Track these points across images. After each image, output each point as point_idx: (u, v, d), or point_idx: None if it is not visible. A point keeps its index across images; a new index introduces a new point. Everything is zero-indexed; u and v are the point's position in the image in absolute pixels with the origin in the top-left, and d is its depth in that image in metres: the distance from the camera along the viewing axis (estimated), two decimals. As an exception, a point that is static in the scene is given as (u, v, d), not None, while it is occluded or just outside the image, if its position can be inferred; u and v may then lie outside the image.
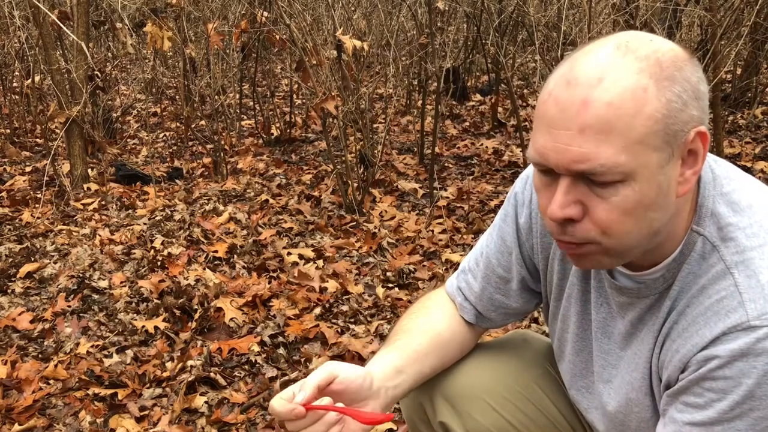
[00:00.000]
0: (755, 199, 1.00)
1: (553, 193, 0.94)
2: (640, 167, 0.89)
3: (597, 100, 0.88)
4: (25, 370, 2.47)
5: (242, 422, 2.21)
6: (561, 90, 0.90)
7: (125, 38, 4.43)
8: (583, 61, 0.91)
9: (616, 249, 0.96)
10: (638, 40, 0.92)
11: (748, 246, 0.96)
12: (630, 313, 1.08)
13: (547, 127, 0.91)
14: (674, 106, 0.89)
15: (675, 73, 0.90)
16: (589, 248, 0.97)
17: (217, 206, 3.93)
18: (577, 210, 0.93)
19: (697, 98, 0.92)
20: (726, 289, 0.95)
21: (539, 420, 1.32)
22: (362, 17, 5.29)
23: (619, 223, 0.93)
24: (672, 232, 0.99)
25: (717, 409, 0.95)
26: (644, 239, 0.96)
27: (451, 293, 1.35)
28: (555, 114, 0.90)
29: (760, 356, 0.91)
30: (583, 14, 4.09)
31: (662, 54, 0.91)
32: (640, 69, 0.89)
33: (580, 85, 0.89)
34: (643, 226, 0.94)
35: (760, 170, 4.17)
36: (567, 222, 0.95)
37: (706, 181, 1.01)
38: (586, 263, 1.01)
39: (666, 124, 0.89)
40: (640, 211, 0.92)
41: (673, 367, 1.01)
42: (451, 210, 3.87)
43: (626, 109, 0.88)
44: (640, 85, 0.88)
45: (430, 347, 1.26)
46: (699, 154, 0.93)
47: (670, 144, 0.90)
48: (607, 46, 0.92)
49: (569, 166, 0.90)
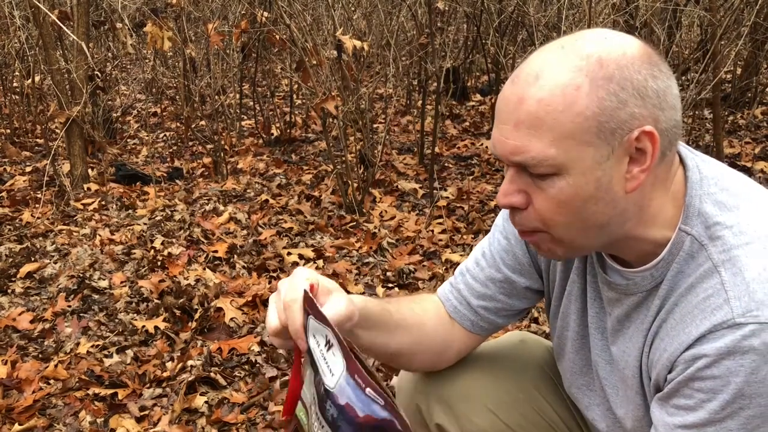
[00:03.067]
0: (742, 198, 1.01)
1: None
2: (572, 161, 0.93)
3: (530, 98, 0.93)
4: (25, 370, 2.47)
5: (242, 422, 2.21)
6: (507, 86, 0.98)
7: (125, 38, 4.43)
8: (531, 60, 0.97)
9: (564, 240, 1.01)
10: (588, 39, 0.96)
11: (734, 244, 0.96)
12: (617, 310, 1.09)
13: (497, 120, 0.98)
14: (607, 104, 0.92)
15: (614, 72, 0.92)
16: (540, 236, 1.02)
17: (217, 206, 3.93)
18: (520, 198, 0.99)
19: (643, 96, 0.93)
20: (712, 287, 0.96)
21: (536, 422, 1.32)
22: (362, 17, 5.29)
23: (556, 214, 0.97)
24: (644, 227, 1.00)
25: (708, 410, 0.95)
26: (591, 231, 0.99)
27: (444, 298, 1.32)
28: (500, 108, 0.98)
29: (746, 354, 0.91)
30: (583, 14, 4.09)
31: (607, 53, 0.93)
32: (577, 67, 0.93)
33: (520, 83, 0.95)
34: (584, 218, 0.97)
35: (760, 170, 4.17)
36: (514, 210, 1.01)
37: (693, 181, 1.01)
38: (544, 252, 1.06)
39: (599, 121, 0.92)
40: (577, 203, 0.96)
41: (661, 366, 1.01)
42: (451, 210, 3.87)
43: (555, 105, 0.92)
44: (573, 83, 0.92)
45: (409, 326, 1.24)
46: (647, 152, 0.95)
47: (608, 141, 0.93)
48: (556, 45, 0.97)
49: (508, 157, 0.97)
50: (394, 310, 1.23)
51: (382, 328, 1.19)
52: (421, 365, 1.32)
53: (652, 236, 1.01)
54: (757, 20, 4.49)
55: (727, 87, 5.59)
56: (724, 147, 4.27)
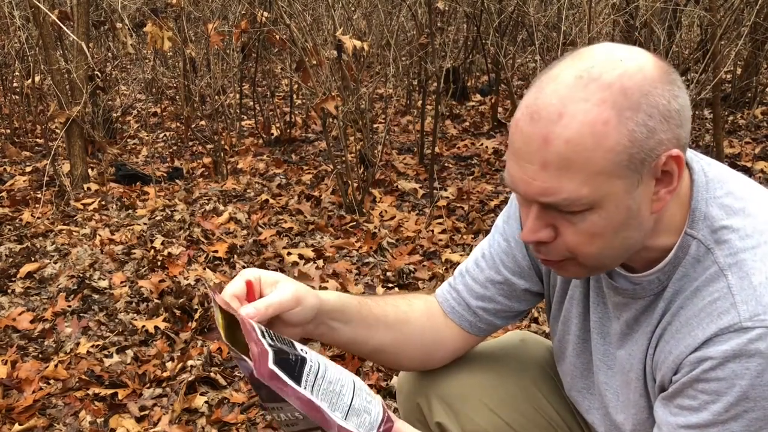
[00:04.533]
0: (748, 201, 1.00)
1: (528, 214, 0.98)
2: (605, 196, 0.91)
3: (557, 138, 0.89)
4: (25, 370, 2.47)
5: (242, 422, 2.21)
6: (526, 122, 0.92)
7: (125, 38, 4.43)
8: (547, 92, 0.91)
9: (592, 264, 1.00)
10: (604, 64, 0.91)
11: (741, 248, 0.96)
12: (625, 314, 1.09)
13: (515, 156, 0.94)
14: (637, 136, 0.89)
15: (640, 100, 0.89)
16: (567, 263, 1.01)
17: (217, 206, 3.93)
18: (548, 233, 0.97)
19: (668, 119, 0.91)
20: (719, 291, 0.96)
21: (536, 421, 1.32)
22: (362, 17, 5.29)
23: (589, 246, 0.96)
24: (657, 236, 1.00)
25: (711, 411, 0.95)
26: (618, 255, 1.00)
27: (442, 298, 1.31)
28: (520, 146, 0.93)
29: (752, 357, 0.91)
30: (583, 14, 4.09)
31: (628, 79, 0.90)
32: (601, 100, 0.89)
33: (542, 120, 0.90)
34: (614, 245, 0.97)
35: (760, 170, 4.17)
36: (540, 244, 0.99)
37: (699, 185, 1.01)
38: (566, 274, 1.05)
39: (630, 154, 0.90)
40: (609, 233, 0.95)
41: (667, 368, 1.01)
42: (451, 210, 3.87)
43: (585, 144, 0.89)
44: (600, 119, 0.88)
45: (390, 322, 1.23)
46: (674, 174, 0.94)
47: (637, 170, 0.91)
48: (570, 73, 0.91)
49: (535, 198, 0.94)
50: (374, 305, 1.22)
51: (359, 321, 1.18)
52: (409, 364, 1.31)
53: (661, 244, 1.01)
54: (757, 20, 4.49)
55: (727, 87, 5.59)
56: (724, 147, 4.27)
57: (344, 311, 1.15)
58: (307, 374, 0.95)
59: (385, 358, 1.27)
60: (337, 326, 1.14)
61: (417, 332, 1.26)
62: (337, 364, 1.02)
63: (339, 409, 0.96)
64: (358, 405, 0.99)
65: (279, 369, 0.92)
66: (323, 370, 0.97)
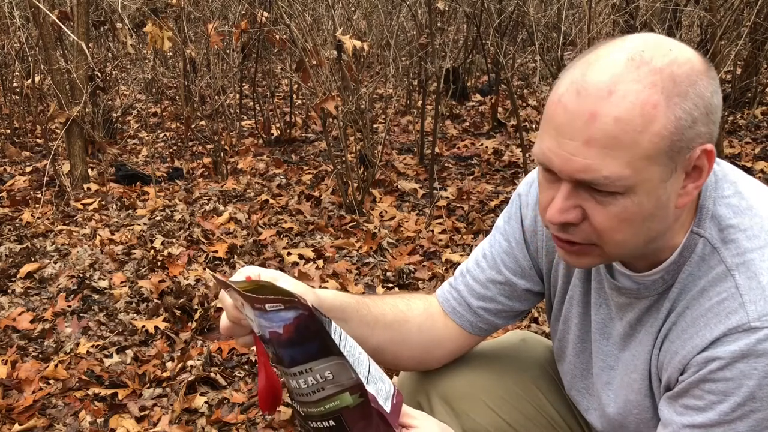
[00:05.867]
0: (756, 201, 1.00)
1: (554, 193, 0.95)
2: (642, 181, 0.90)
3: (605, 115, 0.87)
4: (25, 370, 2.47)
5: (242, 422, 2.21)
6: (571, 98, 0.90)
7: (125, 38, 4.43)
8: (595, 69, 0.90)
9: (614, 252, 0.98)
10: (654, 50, 0.90)
11: (748, 248, 0.96)
12: (629, 314, 1.08)
13: (555, 132, 0.92)
14: (682, 123, 0.89)
15: (688, 89, 0.89)
16: (587, 249, 0.99)
17: (217, 206, 3.93)
18: (576, 214, 0.95)
19: (708, 113, 0.91)
20: (727, 291, 0.95)
21: (537, 420, 1.32)
22: (362, 17, 5.29)
23: (616, 231, 0.94)
24: (672, 234, 1.00)
25: (717, 411, 0.95)
26: (641, 245, 0.98)
27: (443, 298, 1.31)
28: (563, 121, 0.90)
29: (760, 357, 0.91)
30: (583, 14, 4.09)
31: (677, 67, 0.89)
32: (652, 83, 0.88)
33: (590, 96, 0.88)
34: (640, 234, 0.95)
35: (760, 170, 4.17)
36: (567, 224, 0.96)
37: (707, 184, 1.01)
38: (581, 261, 1.02)
39: (672, 141, 0.89)
40: (638, 221, 0.93)
41: (673, 369, 1.01)
42: (451, 210, 3.87)
43: (634, 125, 0.87)
44: (650, 101, 0.87)
45: (389, 321, 1.23)
46: (704, 169, 0.93)
47: (674, 159, 0.90)
48: (621, 55, 0.90)
49: (572, 174, 0.91)
50: (372, 305, 1.22)
51: (358, 321, 1.18)
52: (408, 363, 1.31)
53: (671, 242, 1.00)
54: (757, 20, 4.49)
55: (727, 87, 5.58)
56: (725, 147, 4.27)
57: (343, 310, 1.15)
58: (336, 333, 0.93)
59: (383, 357, 1.27)
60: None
61: (415, 332, 1.26)
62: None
63: (361, 373, 0.95)
64: (374, 372, 0.99)
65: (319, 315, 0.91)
66: (345, 335, 0.97)
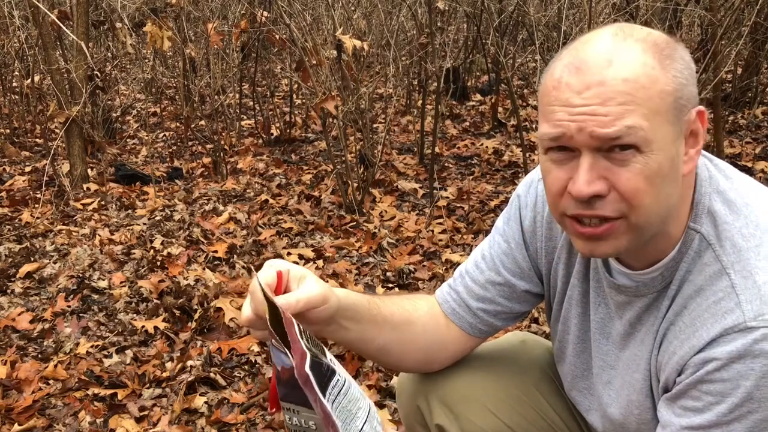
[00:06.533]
0: (751, 199, 1.00)
1: (570, 170, 0.95)
2: (658, 137, 0.92)
3: (613, 78, 0.91)
4: (24, 370, 2.47)
5: (242, 422, 2.20)
6: (572, 76, 0.93)
7: (125, 38, 4.43)
8: (587, 48, 0.96)
9: (640, 224, 0.96)
10: (630, 27, 0.97)
11: (744, 246, 0.96)
12: (628, 313, 1.08)
13: (564, 107, 0.93)
14: (680, 81, 0.94)
15: (672, 53, 0.95)
16: (615, 226, 0.96)
17: (216, 206, 3.93)
18: (602, 185, 0.94)
19: (692, 75, 0.96)
20: (723, 291, 0.95)
21: (537, 422, 1.32)
22: (362, 17, 5.28)
23: (643, 192, 0.93)
24: (670, 229, 1.00)
25: (715, 412, 0.95)
26: (662, 214, 0.97)
27: (442, 300, 1.30)
28: (571, 96, 0.93)
29: (757, 358, 0.91)
30: (583, 14, 4.09)
31: (656, 36, 0.96)
32: (642, 50, 0.94)
33: (593, 67, 0.93)
34: (661, 199, 0.95)
35: (761, 170, 4.17)
36: (593, 199, 0.94)
37: (702, 179, 1.01)
38: (601, 247, 0.99)
39: (675, 98, 0.93)
40: (658, 181, 0.93)
41: (671, 369, 1.01)
42: (451, 210, 3.87)
43: (642, 83, 0.92)
44: (648, 63, 0.93)
45: (396, 322, 1.23)
46: (699, 133, 0.98)
47: (679, 119, 0.94)
48: (605, 35, 0.96)
49: (594, 132, 0.91)
50: (382, 304, 1.22)
51: (369, 321, 1.18)
52: (412, 365, 1.31)
53: (673, 233, 1.01)
54: (757, 20, 4.49)
55: (728, 87, 5.58)
56: (725, 147, 4.27)
57: (356, 310, 1.15)
58: (333, 387, 0.94)
59: (388, 358, 1.27)
60: (348, 325, 1.14)
61: (420, 333, 1.26)
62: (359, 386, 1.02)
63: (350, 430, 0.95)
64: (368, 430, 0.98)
65: (312, 374, 0.91)
66: (347, 387, 0.96)
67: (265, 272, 1.02)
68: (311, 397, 0.91)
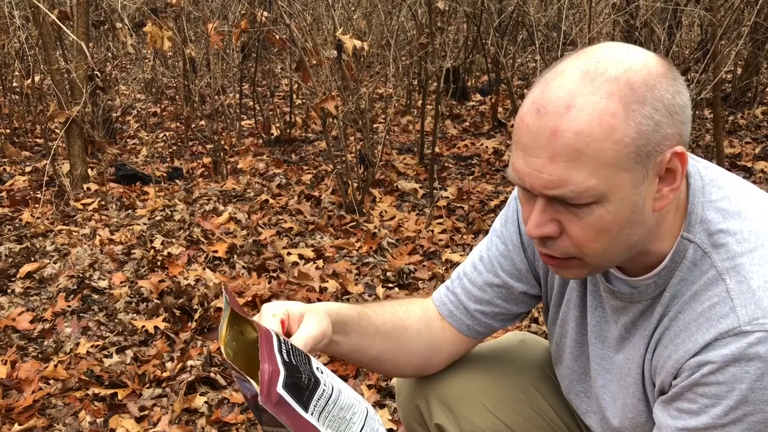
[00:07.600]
0: (745, 205, 1.00)
1: (531, 208, 0.97)
2: (612, 189, 0.91)
3: (566, 129, 0.90)
4: (25, 370, 2.47)
5: (242, 422, 2.21)
6: (532, 117, 0.92)
7: (125, 38, 4.43)
8: (553, 86, 0.92)
9: (595, 263, 1.00)
10: (609, 59, 0.92)
11: (738, 251, 0.96)
12: (623, 318, 1.09)
13: (521, 151, 0.94)
14: (644, 128, 0.90)
15: (646, 94, 0.90)
16: (570, 262, 1.00)
17: (217, 206, 3.93)
18: (553, 228, 0.96)
19: (673, 114, 0.92)
20: (718, 295, 0.96)
21: (536, 422, 1.32)
22: (362, 17, 5.28)
23: (594, 241, 0.95)
24: (659, 239, 1.00)
25: (711, 415, 0.95)
26: (622, 252, 0.99)
27: (440, 302, 1.31)
28: (528, 141, 0.93)
29: (752, 361, 0.91)
30: (583, 14, 4.09)
31: (633, 73, 0.91)
32: (608, 93, 0.90)
33: (549, 114, 0.91)
34: (618, 242, 0.96)
35: (761, 170, 4.17)
36: (545, 239, 0.98)
37: (695, 189, 1.01)
38: (566, 274, 1.04)
39: (637, 146, 0.90)
40: (615, 229, 0.94)
41: (666, 373, 1.01)
42: (451, 210, 3.87)
43: (595, 135, 0.89)
44: (608, 111, 0.89)
45: (388, 330, 1.23)
46: (677, 172, 0.94)
47: (644, 164, 0.92)
48: (576, 69, 0.92)
49: (542, 190, 0.93)
50: (372, 314, 1.22)
51: (360, 333, 1.19)
52: (408, 370, 1.31)
53: (659, 248, 1.01)
54: (757, 20, 4.49)
55: (728, 87, 5.58)
56: (725, 147, 4.27)
57: (346, 324, 1.16)
58: (318, 399, 0.91)
59: (383, 366, 1.28)
60: (339, 339, 1.15)
61: (414, 339, 1.26)
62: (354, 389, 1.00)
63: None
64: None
65: (288, 393, 0.88)
66: (336, 395, 0.94)
67: (267, 322, 1.03)
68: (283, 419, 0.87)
